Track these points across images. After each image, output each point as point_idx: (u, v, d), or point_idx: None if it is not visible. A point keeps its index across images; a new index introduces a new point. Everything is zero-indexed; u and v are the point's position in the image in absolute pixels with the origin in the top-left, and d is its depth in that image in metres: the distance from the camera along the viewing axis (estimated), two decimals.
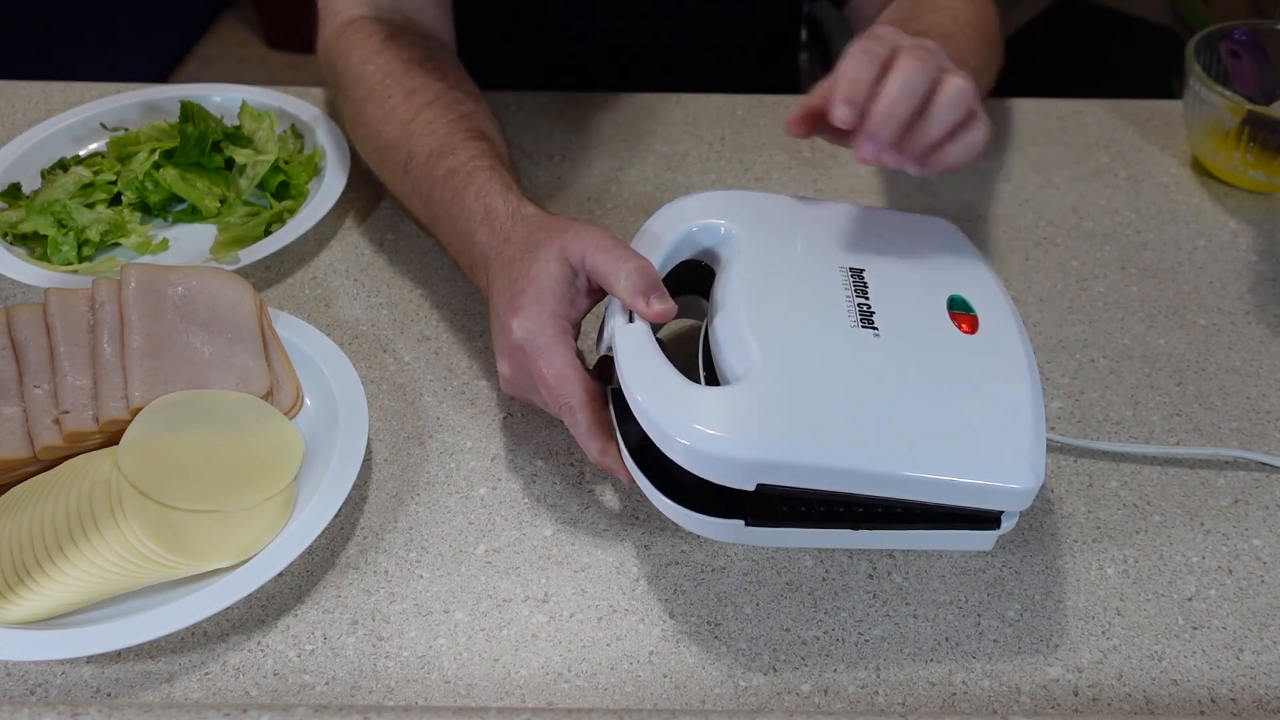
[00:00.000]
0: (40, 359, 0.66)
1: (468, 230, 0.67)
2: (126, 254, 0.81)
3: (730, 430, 0.53)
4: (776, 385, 0.55)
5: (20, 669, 0.57)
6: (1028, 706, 0.56)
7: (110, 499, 0.59)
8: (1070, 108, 0.98)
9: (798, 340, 0.58)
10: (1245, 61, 0.88)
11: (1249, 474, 0.67)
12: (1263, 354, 0.75)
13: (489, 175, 0.68)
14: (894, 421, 0.55)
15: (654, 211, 0.67)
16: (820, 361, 0.57)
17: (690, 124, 0.95)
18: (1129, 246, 0.84)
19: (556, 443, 0.68)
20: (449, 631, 0.59)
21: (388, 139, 0.75)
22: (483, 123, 0.74)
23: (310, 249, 0.83)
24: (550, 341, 0.59)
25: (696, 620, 0.60)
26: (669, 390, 0.55)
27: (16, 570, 0.57)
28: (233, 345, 0.68)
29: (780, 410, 0.55)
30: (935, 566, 0.62)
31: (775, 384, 0.55)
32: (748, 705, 0.56)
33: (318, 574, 0.62)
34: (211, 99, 0.92)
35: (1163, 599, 0.61)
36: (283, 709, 0.52)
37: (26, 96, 0.97)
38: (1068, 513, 0.65)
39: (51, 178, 0.86)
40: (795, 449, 0.53)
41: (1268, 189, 0.88)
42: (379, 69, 0.77)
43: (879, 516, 0.57)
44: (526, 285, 0.60)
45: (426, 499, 0.66)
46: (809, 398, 0.55)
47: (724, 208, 0.66)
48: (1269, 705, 0.56)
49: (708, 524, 0.56)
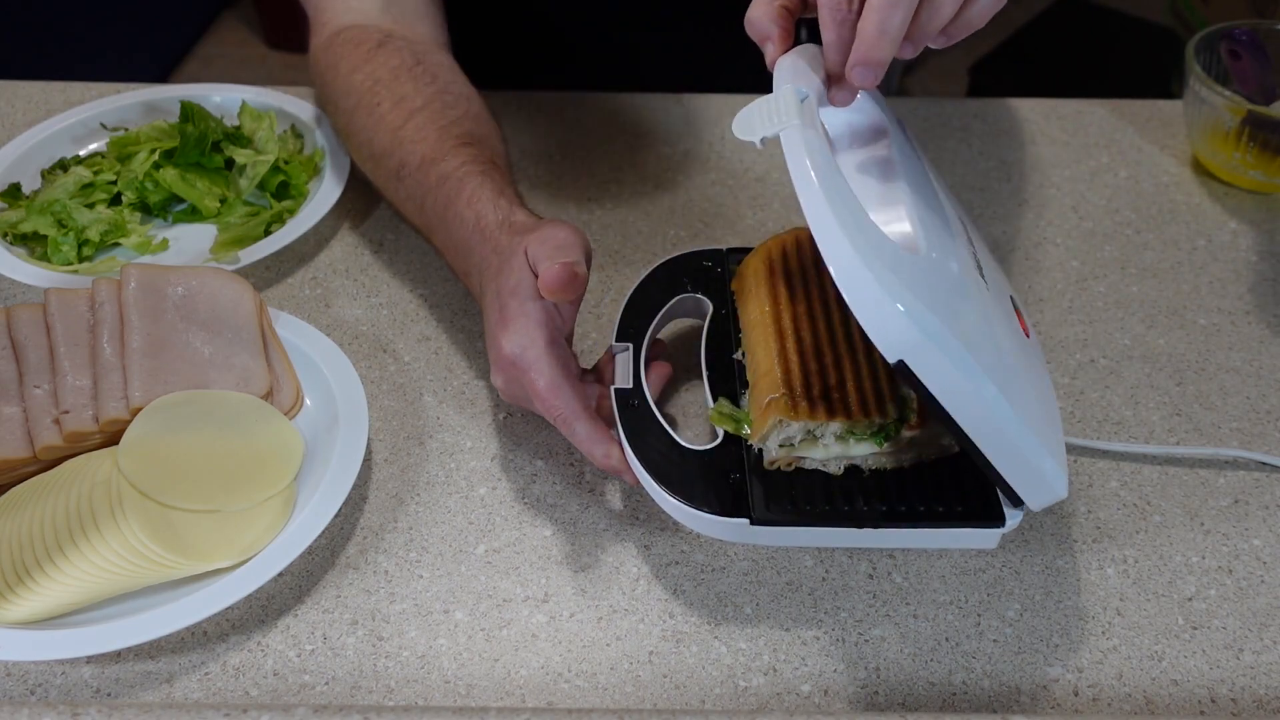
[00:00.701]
0: (40, 359, 0.66)
1: (461, 238, 0.67)
2: (126, 254, 0.81)
3: (912, 288, 0.49)
4: (944, 274, 0.53)
5: (20, 669, 0.57)
6: (1028, 706, 0.56)
7: (110, 499, 0.59)
8: (1070, 108, 0.98)
9: (948, 252, 0.56)
10: (1245, 61, 0.88)
11: (1249, 474, 0.67)
12: (1263, 354, 0.75)
13: (480, 181, 0.68)
14: (1014, 371, 0.54)
15: (656, 212, 0.67)
16: (964, 287, 0.55)
17: (690, 124, 0.95)
18: (1129, 246, 0.84)
19: (556, 443, 0.69)
20: (449, 631, 0.59)
21: (379, 148, 0.75)
22: (475, 125, 0.74)
23: (310, 249, 0.83)
24: (540, 354, 0.59)
25: (696, 620, 0.60)
26: (860, 221, 0.51)
27: (16, 570, 0.57)
28: (233, 345, 0.68)
29: (952, 302, 0.52)
30: (935, 566, 0.62)
31: (944, 271, 0.54)
32: (748, 705, 0.56)
33: (318, 574, 0.62)
34: (211, 99, 0.92)
35: (1163, 599, 0.61)
36: (283, 709, 0.52)
37: (26, 96, 0.97)
38: (1068, 513, 0.65)
39: (51, 178, 0.86)
40: (954, 346, 0.50)
41: (1268, 189, 0.88)
42: (367, 77, 0.77)
43: (883, 515, 0.57)
44: (509, 298, 0.60)
45: (426, 499, 0.66)
46: (967, 309, 0.53)
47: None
48: (1269, 705, 0.56)
49: (713, 523, 0.57)
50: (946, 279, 0.53)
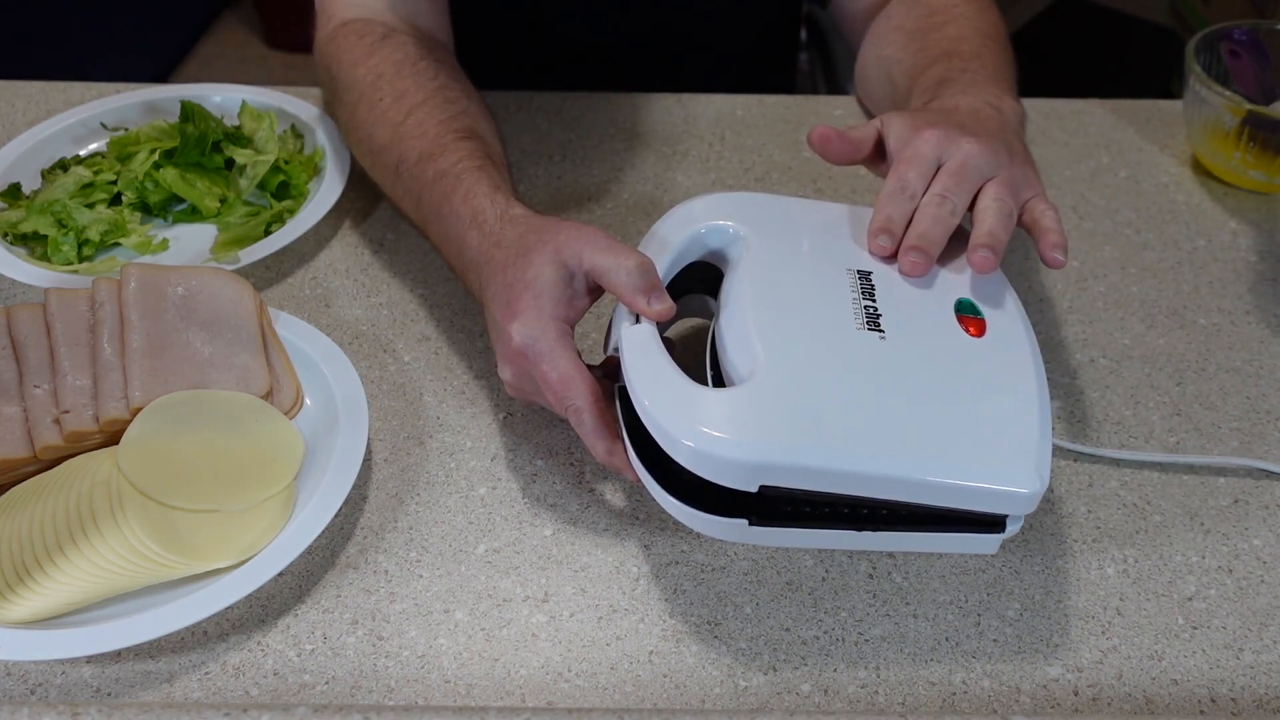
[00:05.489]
0: (40, 359, 0.66)
1: (457, 234, 0.67)
2: (126, 254, 0.81)
3: (734, 432, 0.53)
4: (781, 387, 0.55)
5: (20, 669, 0.57)
6: (1028, 706, 0.56)
7: (110, 499, 0.59)
8: (1070, 108, 0.98)
9: (803, 342, 0.58)
10: (1245, 61, 0.88)
11: (1249, 474, 0.67)
12: (1263, 354, 0.75)
13: (477, 176, 0.68)
14: (898, 424, 0.55)
15: (656, 212, 0.66)
16: (825, 364, 0.57)
17: (690, 124, 0.95)
18: (1129, 246, 0.84)
19: (556, 442, 0.69)
20: (449, 631, 0.59)
21: (379, 142, 0.75)
22: (474, 122, 0.74)
23: (310, 249, 0.83)
24: (552, 345, 0.59)
25: (696, 620, 0.60)
26: (673, 391, 0.56)
27: (16, 570, 0.57)
28: (233, 345, 0.68)
29: (784, 412, 0.54)
30: (935, 566, 0.62)
31: (779, 386, 0.55)
32: (748, 705, 0.56)
33: (318, 574, 0.62)
34: (211, 99, 0.92)
35: (1163, 599, 0.61)
36: (283, 709, 0.52)
37: (26, 96, 0.97)
38: (1068, 513, 0.65)
39: (51, 178, 0.86)
40: (798, 451, 0.53)
41: (1268, 189, 0.88)
42: (370, 71, 0.77)
43: (884, 519, 0.57)
44: (523, 290, 0.60)
45: (426, 499, 0.66)
46: (813, 400, 0.55)
47: (732, 209, 0.66)
48: (1269, 705, 0.56)
49: (712, 523, 0.57)
50: (791, 381, 0.56)
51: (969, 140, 0.64)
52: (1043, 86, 0.95)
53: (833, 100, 0.98)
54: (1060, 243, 0.63)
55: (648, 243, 0.64)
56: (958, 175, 0.63)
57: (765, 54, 1.11)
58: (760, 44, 1.09)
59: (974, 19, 0.82)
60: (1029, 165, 0.67)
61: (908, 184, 0.63)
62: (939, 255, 0.63)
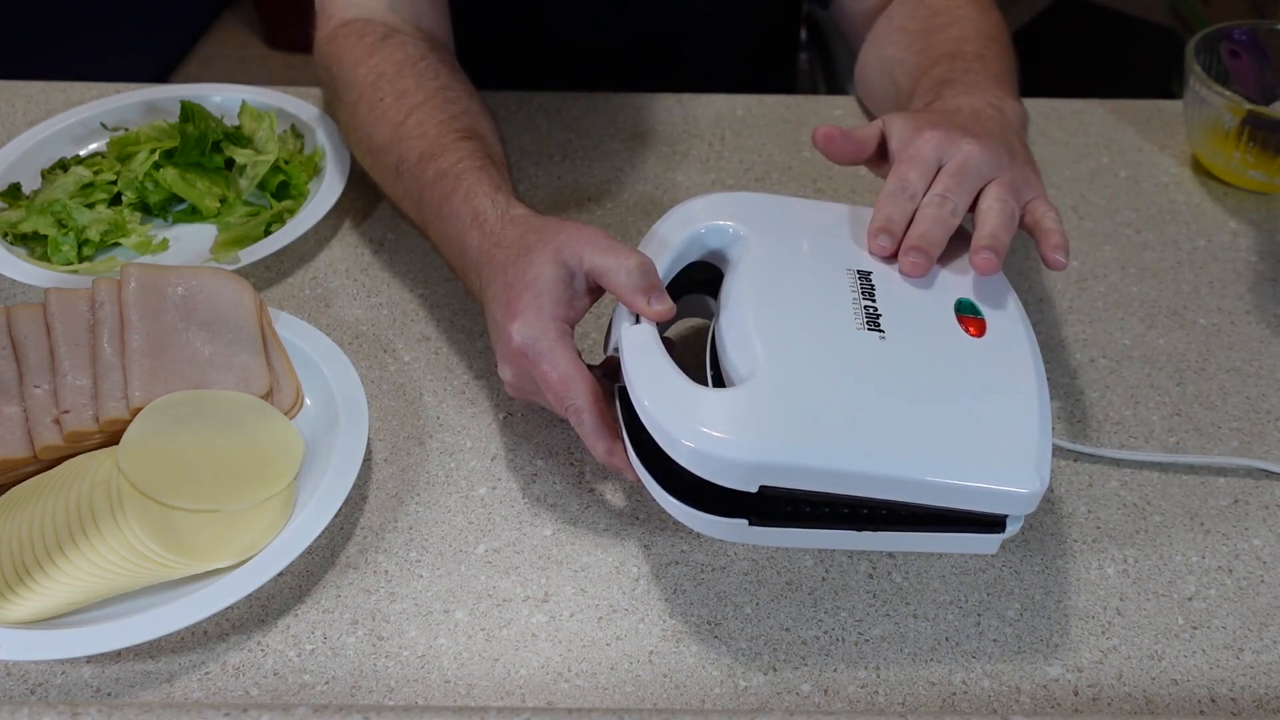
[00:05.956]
0: (40, 359, 0.66)
1: (457, 234, 0.67)
2: (126, 254, 0.81)
3: (733, 432, 0.53)
4: (781, 387, 0.55)
5: (20, 669, 0.57)
6: (1028, 706, 0.56)
7: (110, 499, 0.59)
8: (1070, 108, 0.98)
9: (802, 342, 0.58)
10: (1245, 61, 0.88)
11: (1249, 474, 0.67)
12: (1263, 354, 0.75)
13: (477, 176, 0.68)
14: (897, 424, 0.55)
15: (656, 212, 0.66)
16: (824, 364, 0.57)
17: (690, 124, 0.95)
18: (1129, 246, 0.84)
19: (556, 442, 0.69)
20: (449, 631, 0.59)
21: (379, 142, 0.75)
22: (474, 122, 0.74)
23: (310, 249, 0.83)
24: (552, 345, 0.59)
25: (696, 620, 0.60)
26: (673, 392, 0.56)
27: (16, 570, 0.57)
28: (233, 345, 0.68)
29: (783, 413, 0.55)
30: (935, 566, 0.62)
31: (779, 386, 0.55)
32: (748, 705, 0.56)
33: (318, 574, 0.62)
34: (211, 99, 0.92)
35: (1163, 599, 0.61)
36: (283, 709, 0.52)
37: (26, 96, 0.97)
38: (1068, 513, 0.65)
39: (51, 178, 0.86)
40: (797, 451, 0.53)
41: (1268, 189, 0.88)
42: (370, 71, 0.77)
43: (884, 518, 0.57)
44: (523, 290, 0.60)
45: (426, 499, 0.66)
46: (812, 400, 0.55)
47: (732, 210, 0.66)
48: (1269, 705, 0.56)
49: (713, 523, 0.57)
50: (791, 381, 0.56)
51: (970, 141, 0.64)
52: (1043, 86, 0.95)
53: (833, 100, 0.98)
54: (1062, 244, 0.63)
55: (648, 243, 0.64)
56: (958, 176, 0.63)
57: (765, 54, 1.11)
58: (760, 44, 1.09)
59: (977, 20, 0.82)
60: (1030, 166, 0.67)
61: (908, 184, 0.64)
62: (939, 255, 0.63)
